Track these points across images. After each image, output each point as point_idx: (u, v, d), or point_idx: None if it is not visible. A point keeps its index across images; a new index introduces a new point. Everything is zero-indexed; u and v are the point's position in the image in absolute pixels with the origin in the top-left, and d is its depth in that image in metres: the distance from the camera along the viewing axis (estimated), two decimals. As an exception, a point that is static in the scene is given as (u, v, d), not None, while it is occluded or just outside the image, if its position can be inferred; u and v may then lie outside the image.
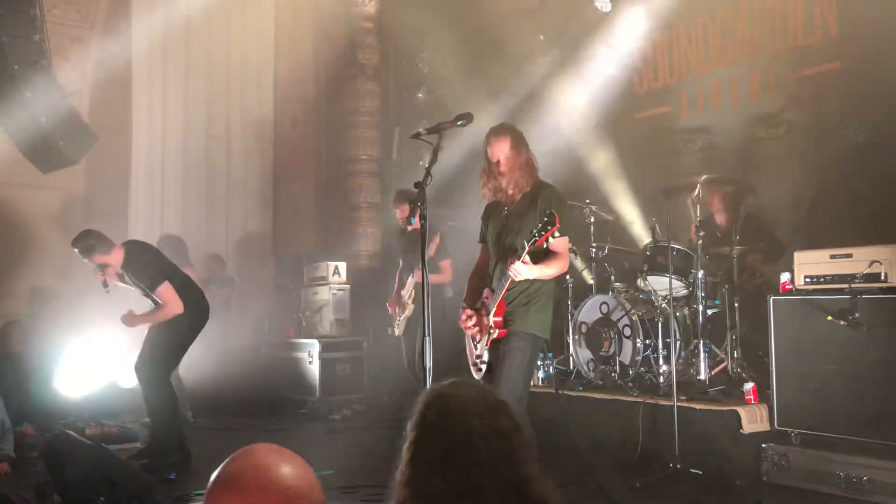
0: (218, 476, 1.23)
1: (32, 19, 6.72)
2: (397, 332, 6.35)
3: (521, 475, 1.34)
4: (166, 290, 5.08)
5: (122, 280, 5.28)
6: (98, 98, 9.10)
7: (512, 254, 3.44)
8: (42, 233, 9.05)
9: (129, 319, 5.28)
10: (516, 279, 3.43)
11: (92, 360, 6.99)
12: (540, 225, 3.29)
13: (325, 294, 8.41)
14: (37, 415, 5.88)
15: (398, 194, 6.45)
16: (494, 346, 3.60)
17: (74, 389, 6.69)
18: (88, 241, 5.12)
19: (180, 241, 7.01)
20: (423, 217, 2.79)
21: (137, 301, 5.55)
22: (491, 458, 1.32)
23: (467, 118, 3.12)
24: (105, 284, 5.18)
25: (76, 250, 5.16)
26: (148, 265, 5.19)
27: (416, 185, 2.86)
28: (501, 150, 3.58)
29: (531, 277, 3.48)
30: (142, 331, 5.77)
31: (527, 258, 3.36)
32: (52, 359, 6.64)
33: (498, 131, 3.64)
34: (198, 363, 7.57)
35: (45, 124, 6.99)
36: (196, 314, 5.25)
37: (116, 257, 5.15)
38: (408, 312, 6.21)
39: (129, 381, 7.22)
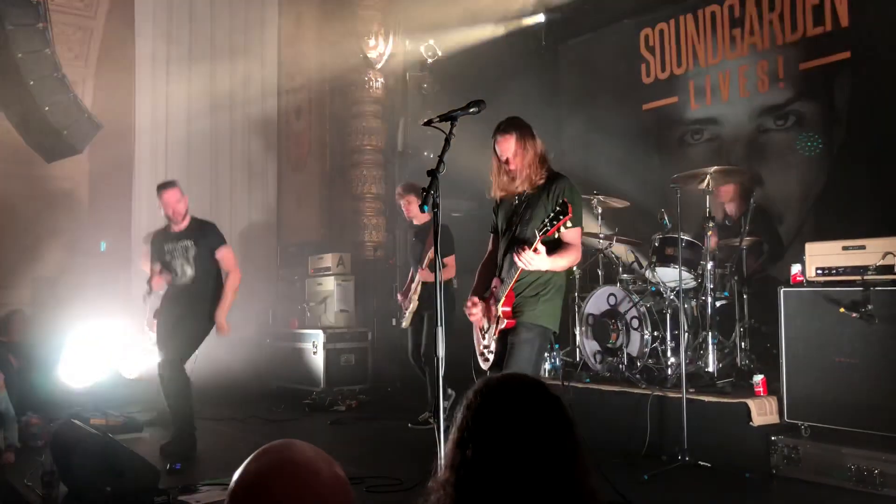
0: (248, 473, 1.17)
1: (35, 7, 6.68)
2: (404, 324, 6.33)
3: (578, 471, 1.30)
4: (229, 253, 5.41)
5: (169, 255, 5.31)
6: (101, 86, 9.08)
7: (522, 244, 3.40)
8: (46, 222, 9.02)
9: (222, 326, 5.34)
10: (528, 267, 3.38)
11: (96, 350, 6.97)
12: (552, 214, 3.24)
13: (329, 284, 8.40)
14: (41, 405, 5.87)
15: (406, 186, 6.39)
16: (502, 336, 3.56)
17: (79, 379, 6.68)
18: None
19: None
20: (435, 205, 2.75)
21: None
22: (542, 450, 1.28)
23: (480, 105, 3.08)
24: (149, 291, 5.43)
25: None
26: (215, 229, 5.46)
27: (429, 172, 2.82)
28: (508, 149, 3.53)
29: (543, 268, 3.44)
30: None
31: (540, 247, 3.31)
32: (55, 348, 6.63)
33: (503, 130, 3.57)
34: (202, 354, 7.56)
35: (48, 113, 6.96)
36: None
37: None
38: (413, 306, 6.19)
39: (133, 371, 7.23)
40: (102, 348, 7.05)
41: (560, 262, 3.48)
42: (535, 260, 3.33)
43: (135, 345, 7.08)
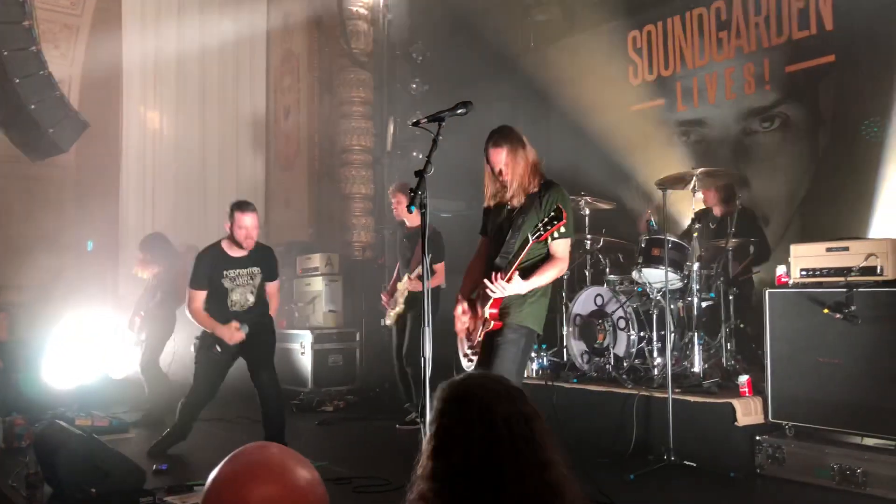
0: (222, 475, 1.19)
1: (21, 5, 6.62)
2: (388, 321, 6.33)
3: (541, 460, 1.34)
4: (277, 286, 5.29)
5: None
6: (88, 85, 9.02)
7: (497, 271, 3.42)
8: (32, 221, 8.97)
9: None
10: (498, 295, 3.39)
11: (82, 349, 6.93)
12: (546, 219, 3.26)
13: (317, 285, 8.38)
14: (26, 405, 5.83)
15: (397, 185, 6.38)
16: (488, 338, 3.58)
17: (64, 380, 6.64)
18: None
19: (165, 239, 6.93)
20: (423, 206, 2.76)
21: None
22: (513, 441, 1.32)
23: (467, 106, 3.09)
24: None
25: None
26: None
27: (417, 173, 2.83)
28: (499, 161, 3.54)
29: (523, 291, 3.45)
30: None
31: (515, 275, 3.34)
32: (40, 348, 6.59)
33: (494, 142, 3.56)
34: (190, 355, 7.53)
35: (34, 111, 6.90)
36: None
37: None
38: (398, 309, 6.20)
39: (119, 371, 7.20)
40: (88, 348, 7.01)
41: (539, 281, 3.48)
42: (508, 288, 3.36)
43: (121, 345, 7.04)
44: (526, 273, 3.44)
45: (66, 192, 9.71)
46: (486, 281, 3.41)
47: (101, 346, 7.14)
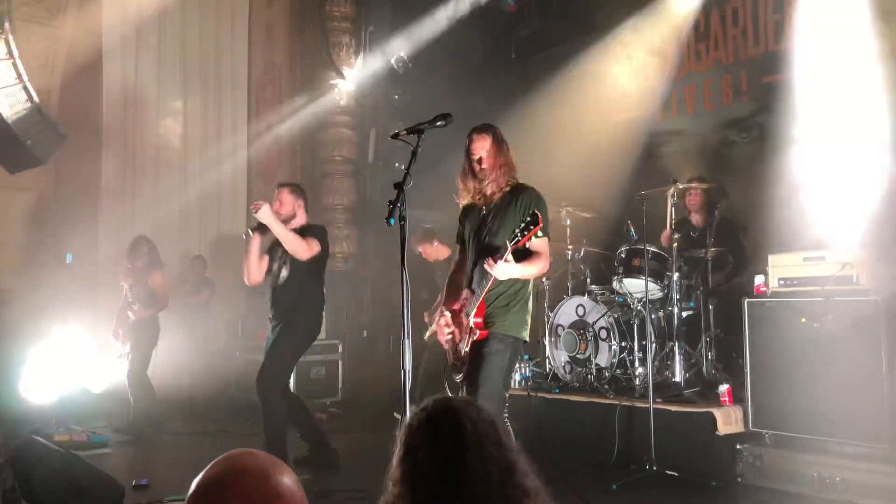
0: (206, 480, 1.22)
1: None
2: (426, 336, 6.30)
3: (507, 460, 1.39)
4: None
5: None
6: (68, 96, 8.95)
7: (492, 254, 3.42)
8: (10, 233, 8.86)
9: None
10: (501, 277, 3.41)
11: (61, 363, 6.85)
12: (523, 224, 3.28)
13: (299, 296, 8.33)
14: (2, 420, 5.74)
15: (423, 234, 6.40)
16: (474, 347, 3.58)
17: (42, 394, 6.55)
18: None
19: (151, 243, 6.89)
20: (402, 219, 2.77)
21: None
22: (478, 440, 1.37)
23: (447, 118, 3.10)
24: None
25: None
26: None
27: (396, 186, 2.84)
28: (483, 147, 3.58)
29: (514, 276, 3.47)
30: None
31: (510, 257, 3.35)
32: (18, 362, 6.50)
33: (480, 129, 3.64)
34: (171, 367, 7.47)
35: (11, 123, 6.84)
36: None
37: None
38: (428, 333, 6.16)
39: (98, 385, 7.12)
40: (67, 361, 6.93)
41: (530, 270, 3.52)
42: (508, 269, 3.37)
43: (100, 358, 6.97)
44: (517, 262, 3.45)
45: (45, 204, 9.61)
46: (485, 266, 3.38)
47: (80, 358, 7.06)
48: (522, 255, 3.49)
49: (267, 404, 4.76)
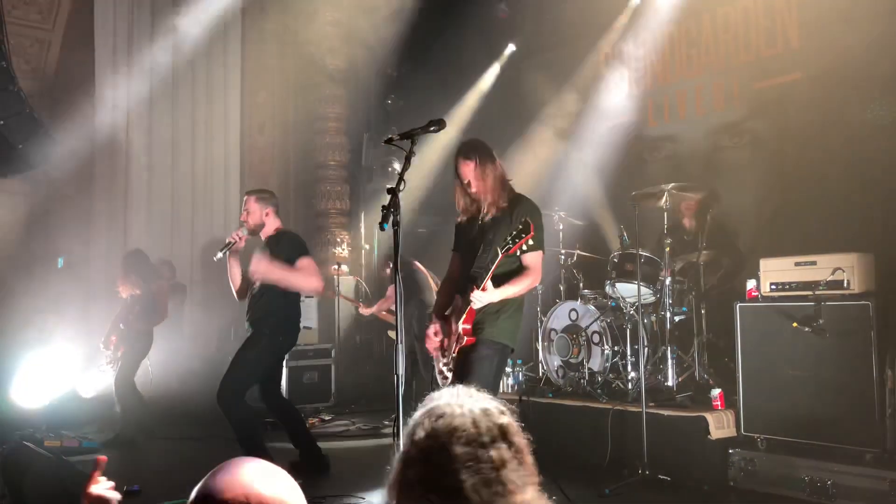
0: (207, 486, 1.22)
1: (-10, 20, 6.55)
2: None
3: None
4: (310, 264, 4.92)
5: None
6: (60, 101, 8.91)
7: (483, 266, 3.44)
8: (0, 239, 8.81)
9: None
10: (476, 307, 3.43)
11: (52, 368, 6.81)
12: (514, 232, 3.29)
13: (292, 301, 8.31)
14: (-7, 426, 5.72)
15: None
16: (462, 353, 3.58)
17: (33, 399, 6.51)
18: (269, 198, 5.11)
19: (145, 256, 6.86)
20: (395, 224, 2.77)
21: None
22: (475, 488, 1.23)
23: (440, 124, 3.11)
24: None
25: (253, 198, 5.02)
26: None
27: (390, 190, 2.84)
28: (468, 174, 3.60)
29: (494, 301, 3.48)
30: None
31: (489, 284, 3.36)
32: (8, 367, 6.46)
33: (463, 154, 3.61)
34: (162, 372, 7.43)
35: (3, 127, 6.81)
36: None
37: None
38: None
39: (89, 390, 7.08)
40: (58, 367, 6.89)
41: (512, 290, 3.52)
42: (483, 297, 3.39)
43: (91, 363, 6.93)
44: (498, 283, 3.47)
45: (36, 208, 9.56)
46: (472, 294, 3.42)
47: (70, 364, 7.02)
48: (511, 272, 3.50)
49: (230, 417, 4.65)
